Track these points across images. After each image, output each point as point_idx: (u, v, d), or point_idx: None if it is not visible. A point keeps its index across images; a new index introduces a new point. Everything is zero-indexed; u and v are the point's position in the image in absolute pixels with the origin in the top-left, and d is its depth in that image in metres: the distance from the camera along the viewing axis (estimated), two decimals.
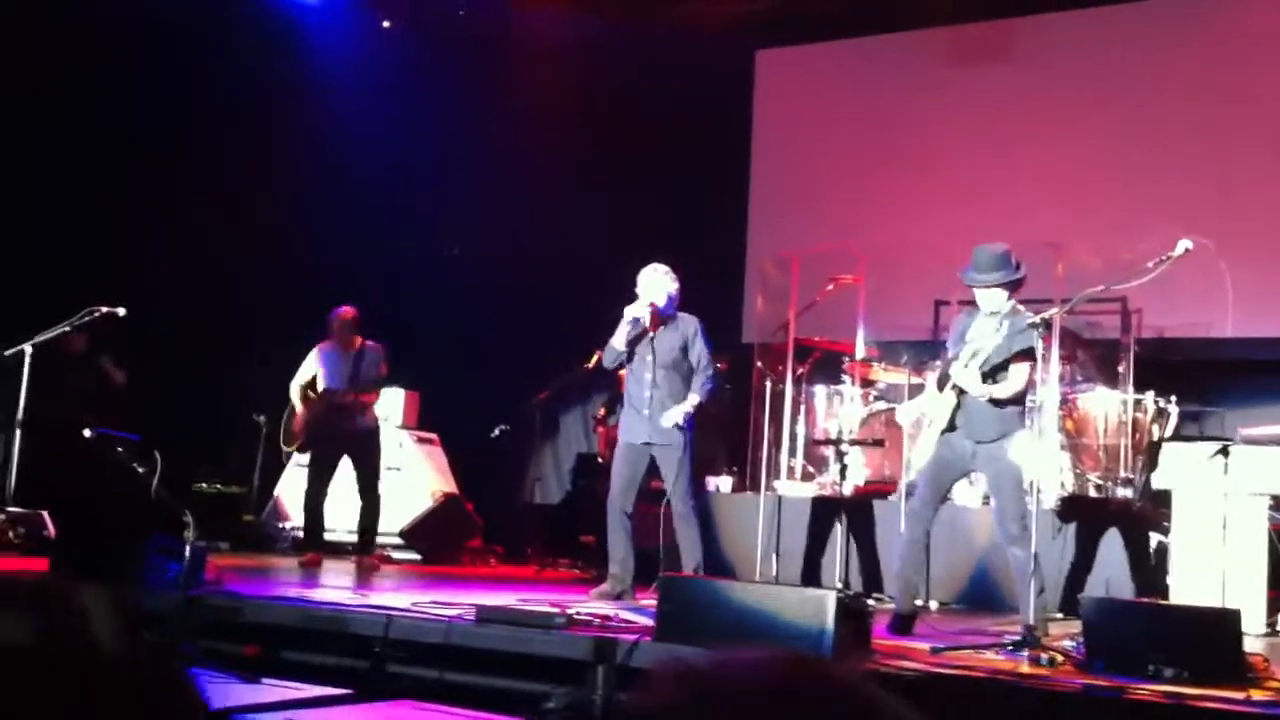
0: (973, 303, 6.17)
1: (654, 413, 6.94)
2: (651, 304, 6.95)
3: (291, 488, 9.90)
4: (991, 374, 5.87)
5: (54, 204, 9.46)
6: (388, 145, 11.22)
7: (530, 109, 11.25)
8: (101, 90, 9.77)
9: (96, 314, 8.40)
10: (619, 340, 7.01)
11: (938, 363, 8.36)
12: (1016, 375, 5.85)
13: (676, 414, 6.90)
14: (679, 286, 7.06)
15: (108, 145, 9.81)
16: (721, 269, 10.77)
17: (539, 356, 9.92)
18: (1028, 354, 5.87)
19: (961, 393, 5.93)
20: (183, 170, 9.98)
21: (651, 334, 7.01)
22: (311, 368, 8.72)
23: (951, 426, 5.98)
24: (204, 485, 9.62)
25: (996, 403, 5.87)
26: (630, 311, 6.95)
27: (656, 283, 7.01)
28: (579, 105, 11.07)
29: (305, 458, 8.87)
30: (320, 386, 8.63)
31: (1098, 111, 10.07)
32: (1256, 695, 4.27)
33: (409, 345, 10.92)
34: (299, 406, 8.69)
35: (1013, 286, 5.99)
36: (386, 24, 11.71)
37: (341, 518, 10.30)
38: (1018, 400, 5.99)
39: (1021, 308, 6.09)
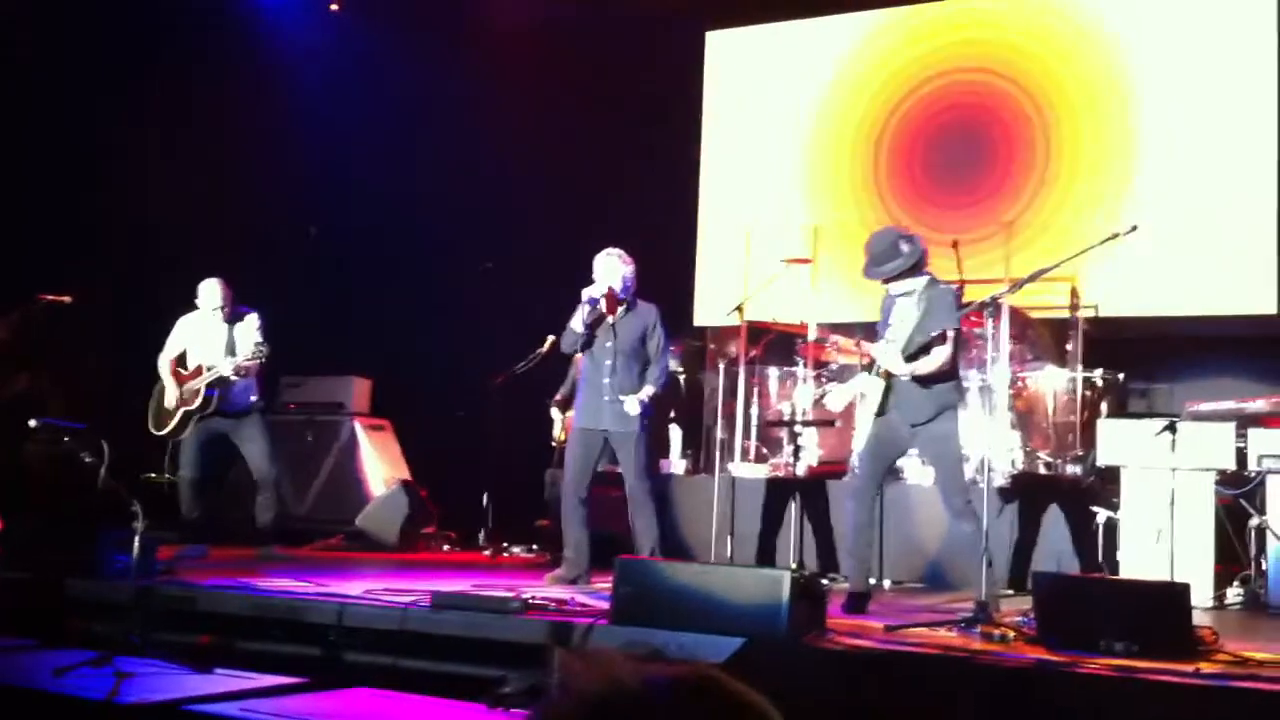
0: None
1: (613, 399, 6.95)
2: (609, 288, 6.94)
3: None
4: (915, 354, 5.90)
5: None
6: (338, 130, 11.13)
7: (479, 92, 11.19)
8: (51, 74, 9.63)
9: (41, 303, 8.28)
10: (577, 323, 6.99)
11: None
12: (937, 354, 5.90)
13: (634, 402, 6.92)
14: (634, 270, 7.06)
15: (53, 128, 9.66)
16: (673, 250, 10.76)
17: (492, 341, 9.89)
18: (942, 335, 5.91)
19: (890, 375, 5.97)
20: (134, 153, 9.85)
21: (611, 319, 7.01)
22: (179, 342, 8.18)
23: (884, 409, 6.02)
24: (153, 475, 9.51)
25: (924, 381, 5.92)
26: (587, 293, 6.95)
27: (611, 267, 7.01)
28: (528, 88, 11.02)
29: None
30: (191, 363, 8.09)
31: (1049, 89, 10.13)
32: (1205, 668, 4.32)
33: (360, 330, 10.88)
34: (170, 384, 8.08)
35: (910, 272, 6.03)
36: (335, 7, 11.60)
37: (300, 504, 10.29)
38: (947, 376, 6.01)
39: (939, 281, 6.13)
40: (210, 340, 8.08)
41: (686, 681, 0.92)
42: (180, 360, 8.13)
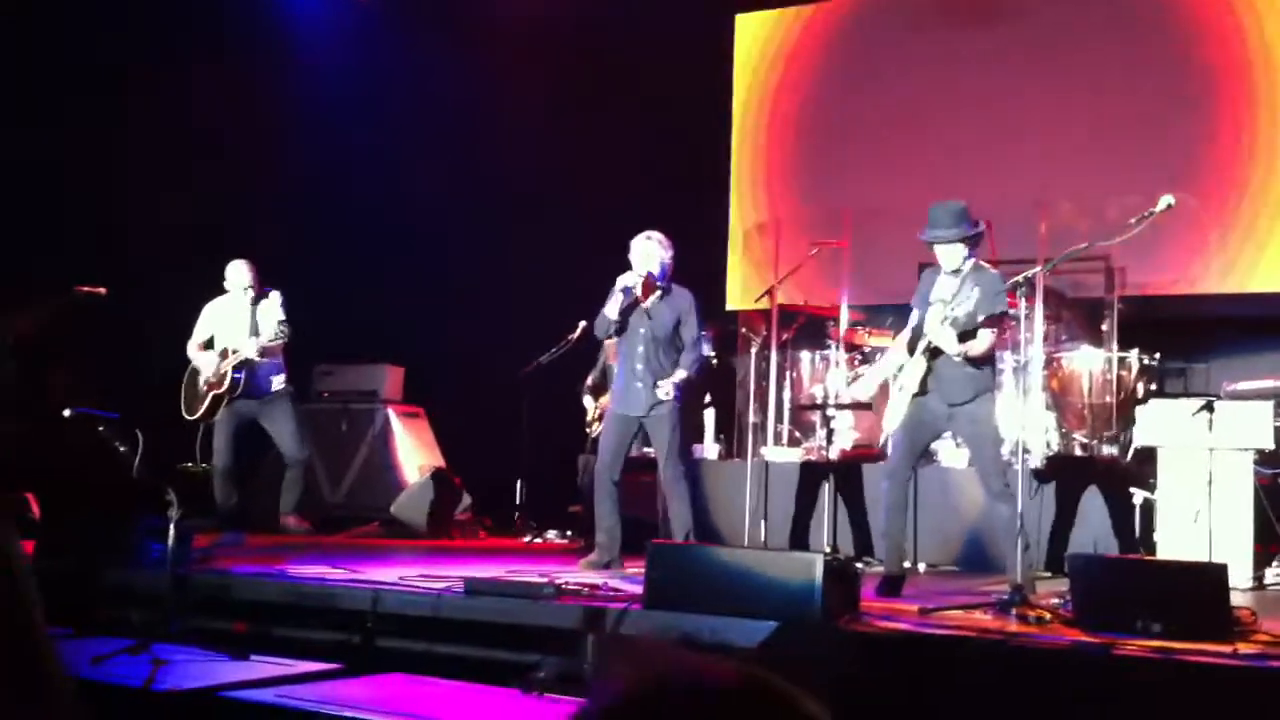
0: (934, 264, 6.24)
1: (646, 384, 6.93)
2: (646, 273, 6.91)
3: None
4: (961, 336, 5.90)
5: (24, 181, 9.34)
6: (370, 118, 11.14)
7: (508, 78, 11.17)
8: (53, 66, 9.67)
9: (76, 294, 8.32)
10: (611, 310, 6.96)
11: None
12: (984, 337, 5.90)
13: (667, 385, 6.91)
14: (672, 255, 7.02)
15: (58, 120, 9.68)
16: (704, 235, 10.73)
17: (524, 328, 9.89)
18: (997, 318, 5.92)
19: (933, 356, 5.96)
20: (161, 142, 9.89)
21: (644, 304, 6.98)
22: (207, 327, 8.27)
23: (923, 390, 6.02)
24: (190, 465, 9.57)
25: (968, 363, 5.91)
26: (622, 281, 6.91)
27: (650, 251, 6.96)
28: (558, 73, 11.00)
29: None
30: (218, 346, 8.19)
31: (1082, 68, 10.04)
32: (1243, 648, 4.29)
33: (392, 319, 10.90)
34: (201, 369, 8.17)
35: (971, 242, 6.08)
36: None
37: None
38: (988, 360, 6.04)
39: (985, 265, 6.16)
40: (235, 323, 8.15)
41: (737, 685, 0.90)
42: (208, 344, 8.21)
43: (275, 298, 8.19)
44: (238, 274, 8.18)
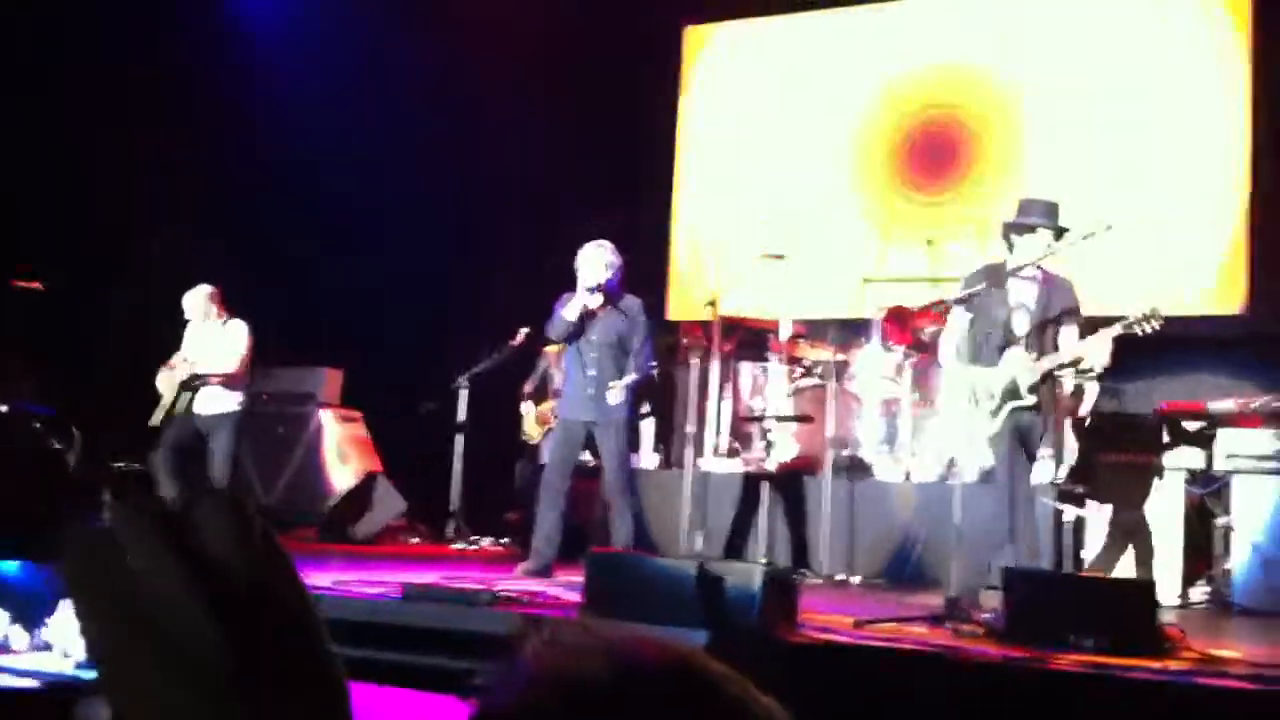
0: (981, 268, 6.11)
1: (596, 392, 6.95)
2: (600, 288, 6.92)
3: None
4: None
5: None
6: (307, 120, 11.04)
7: (450, 82, 11.11)
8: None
9: (11, 290, 8.20)
10: (571, 312, 6.96)
11: (862, 339, 8.47)
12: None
13: (618, 389, 6.93)
14: (621, 263, 7.03)
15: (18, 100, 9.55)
16: (647, 245, 10.76)
17: (463, 333, 9.87)
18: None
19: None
20: (100, 129, 9.76)
21: (599, 313, 7.00)
22: (185, 343, 8.31)
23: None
24: (124, 463, 9.42)
25: None
26: (582, 286, 6.91)
27: (600, 260, 6.95)
28: (499, 78, 10.96)
29: None
30: (190, 358, 8.22)
31: (1020, 86, 10.18)
32: (1173, 665, 4.36)
33: (330, 321, 10.82)
34: (162, 383, 8.22)
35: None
36: None
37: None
38: None
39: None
40: (202, 343, 8.21)
41: (663, 669, 0.87)
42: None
43: (241, 329, 8.20)
44: (192, 302, 8.22)
